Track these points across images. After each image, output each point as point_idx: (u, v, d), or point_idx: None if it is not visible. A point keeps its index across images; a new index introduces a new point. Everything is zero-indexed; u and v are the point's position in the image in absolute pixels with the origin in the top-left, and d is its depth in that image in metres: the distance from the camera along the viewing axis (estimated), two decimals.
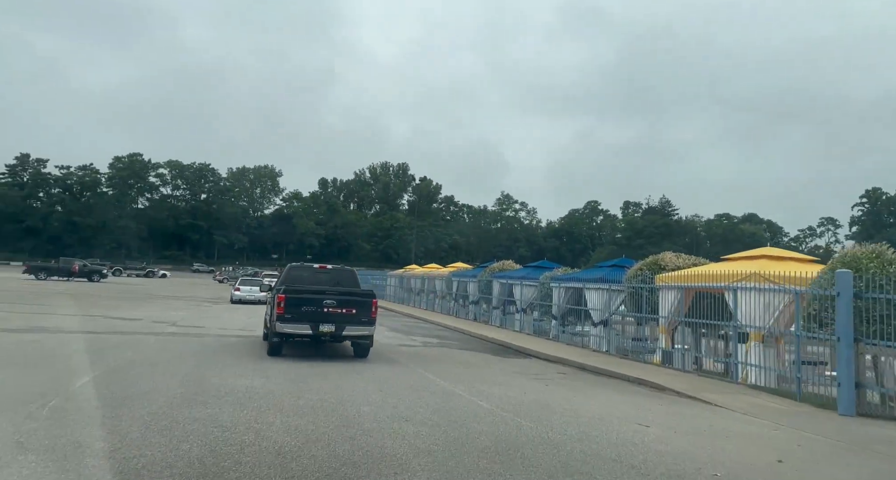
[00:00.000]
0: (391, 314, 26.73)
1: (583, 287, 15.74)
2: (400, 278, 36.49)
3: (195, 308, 23.51)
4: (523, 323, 19.68)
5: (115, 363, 9.13)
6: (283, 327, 10.61)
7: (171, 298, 28.94)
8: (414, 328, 19.86)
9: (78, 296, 26.01)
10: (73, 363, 8.89)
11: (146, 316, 18.37)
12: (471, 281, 24.54)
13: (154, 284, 45.25)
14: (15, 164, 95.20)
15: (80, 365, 8.62)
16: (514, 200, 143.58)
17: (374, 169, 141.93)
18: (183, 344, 11.99)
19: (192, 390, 7.18)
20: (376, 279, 44.77)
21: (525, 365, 12.21)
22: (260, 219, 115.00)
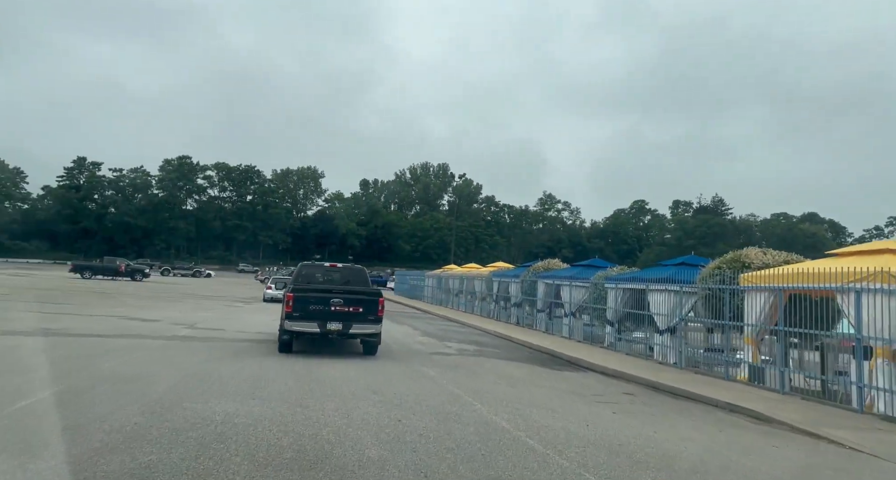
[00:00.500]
0: (427, 316, 24.99)
1: (646, 288, 13.52)
2: (438, 278, 34.77)
3: (224, 308, 22.47)
4: (572, 328, 17.54)
5: (90, 376, 7.71)
6: (292, 325, 10.78)
7: (205, 298, 28.18)
8: (450, 332, 18.03)
9: (110, 295, 25.49)
10: (40, 374, 7.52)
11: (168, 317, 17.28)
12: (513, 282, 22.54)
13: (196, 284, 45.21)
14: (72, 167, 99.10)
15: (46, 378, 7.24)
16: (556, 200, 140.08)
17: (414, 169, 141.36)
18: (186, 351, 10.57)
19: (151, 421, 5.57)
20: (414, 279, 43.24)
21: (580, 381, 10.16)
22: (303, 219, 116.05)
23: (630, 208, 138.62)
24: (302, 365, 9.73)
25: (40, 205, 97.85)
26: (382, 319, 11.50)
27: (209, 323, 16.21)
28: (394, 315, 24.43)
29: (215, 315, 19.02)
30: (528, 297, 20.92)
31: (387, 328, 17.25)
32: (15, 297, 21.31)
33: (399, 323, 19.97)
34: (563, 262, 21.91)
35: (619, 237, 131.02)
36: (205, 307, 22.29)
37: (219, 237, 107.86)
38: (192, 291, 33.21)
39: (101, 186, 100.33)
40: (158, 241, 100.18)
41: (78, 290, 27.82)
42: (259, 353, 10.84)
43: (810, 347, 10.82)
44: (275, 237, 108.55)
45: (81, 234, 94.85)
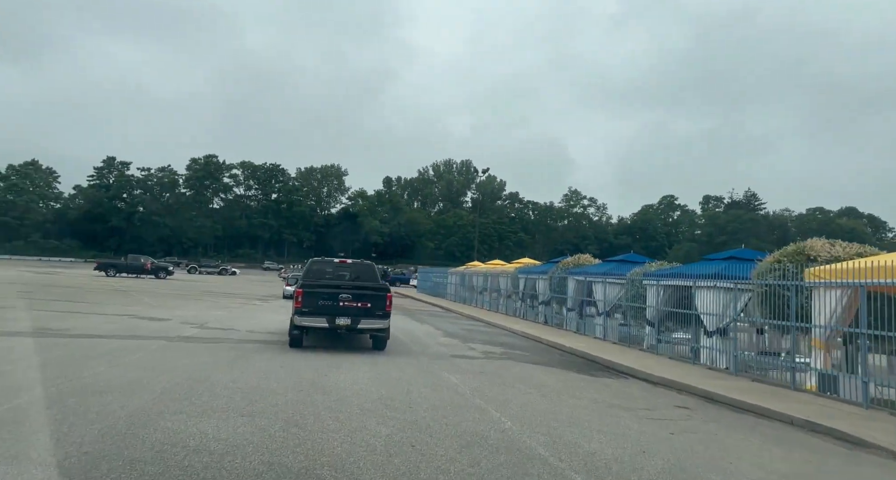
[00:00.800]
0: (450, 315, 23.90)
1: (693, 285, 12.16)
2: (461, 276, 33.66)
3: (241, 306, 21.77)
4: (607, 328, 16.23)
5: (65, 385, 6.83)
6: (302, 320, 10.92)
7: (225, 295, 27.63)
8: (474, 332, 16.90)
9: (129, 293, 25.09)
10: (7, 382, 6.66)
11: (181, 315, 16.58)
12: (540, 279, 21.29)
13: (220, 282, 45.04)
14: (101, 167, 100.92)
15: (11, 387, 6.37)
16: (582, 196, 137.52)
17: (437, 166, 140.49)
18: (186, 354, 9.69)
19: (107, 448, 4.56)
20: (437, 276, 42.21)
21: (623, 390, 8.93)
22: (327, 217, 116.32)
23: (658, 204, 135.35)
24: (310, 369, 8.74)
25: (72, 204, 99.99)
26: (390, 314, 11.56)
27: (221, 322, 15.42)
28: (415, 313, 23.41)
29: (229, 313, 18.28)
30: (557, 295, 19.66)
31: (408, 327, 16.37)
32: (31, 295, 20.96)
33: (421, 323, 18.94)
34: (594, 258, 20.55)
35: (647, 233, 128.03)
36: (221, 305, 21.63)
37: (244, 235, 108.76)
38: (213, 289, 32.79)
39: (130, 185, 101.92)
40: (186, 240, 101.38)
41: (98, 288, 27.55)
42: (265, 356, 9.90)
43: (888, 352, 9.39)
44: (299, 235, 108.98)
45: (111, 233, 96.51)
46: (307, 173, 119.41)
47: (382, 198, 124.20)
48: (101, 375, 7.38)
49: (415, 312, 24.04)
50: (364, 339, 12.33)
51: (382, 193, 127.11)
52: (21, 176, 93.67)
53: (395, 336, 14.39)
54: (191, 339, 11.60)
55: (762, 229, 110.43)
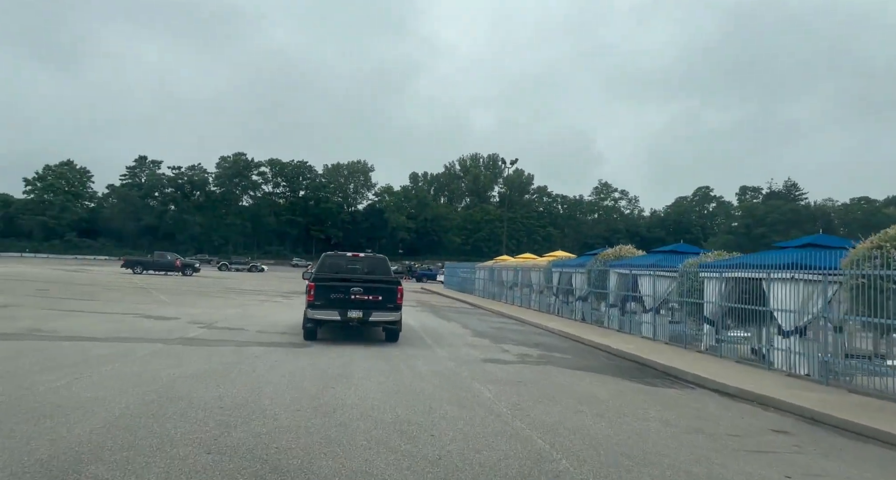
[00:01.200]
0: (479, 312, 22.38)
1: (767, 276, 10.35)
2: (490, 270, 32.07)
3: (259, 303, 20.70)
4: (657, 327, 14.46)
5: (5, 404, 5.57)
6: (314, 313, 11.09)
7: (246, 292, 26.73)
8: (506, 331, 15.35)
9: (146, 291, 24.36)
10: None
11: (191, 314, 15.51)
12: (577, 272, 19.57)
13: (247, 278, 44.56)
14: (134, 166, 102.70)
15: None
16: (613, 189, 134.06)
17: (463, 161, 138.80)
18: (176, 360, 8.43)
19: None
20: (464, 271, 40.72)
21: (695, 406, 7.26)
22: (353, 213, 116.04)
23: (693, 195, 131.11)
24: (315, 380, 7.37)
25: (105, 203, 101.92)
26: (402, 307, 11.72)
27: (232, 320, 14.27)
28: (442, 310, 21.98)
29: (245, 311, 17.17)
30: (597, 290, 17.93)
31: (433, 326, 14.96)
32: (44, 293, 20.31)
33: (447, 320, 17.49)
34: (637, 249, 18.69)
35: (681, 226, 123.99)
36: (239, 302, 20.61)
37: (273, 232, 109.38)
38: (236, 286, 32.04)
39: (162, 184, 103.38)
40: (216, 237, 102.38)
41: (118, 286, 26.97)
42: (267, 362, 8.58)
43: None
44: (326, 231, 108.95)
45: (144, 231, 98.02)
46: (334, 170, 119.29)
47: (409, 194, 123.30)
48: (58, 391, 6.12)
49: (441, 309, 22.62)
50: (378, 333, 12.33)
51: (409, 189, 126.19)
52: (57, 176, 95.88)
53: (419, 336, 12.95)
54: (191, 342, 10.40)
55: (804, 220, 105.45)
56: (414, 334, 13.43)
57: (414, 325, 15.46)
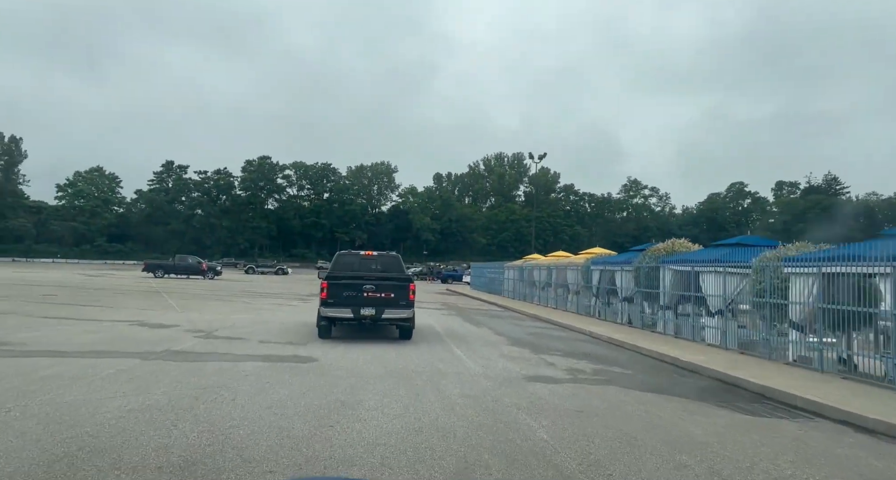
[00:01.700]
0: (511, 315, 20.41)
1: (888, 271, 8.18)
2: (520, 270, 30.04)
3: (273, 307, 19.17)
4: (726, 332, 12.29)
5: None
6: (327, 311, 11.16)
7: (262, 296, 25.34)
8: (545, 338, 13.37)
9: (157, 295, 23.12)
10: None
11: (194, 320, 14.01)
12: (622, 271, 17.45)
13: (269, 281, 43.49)
14: (161, 171, 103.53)
15: None
16: (642, 186, 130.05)
17: (488, 160, 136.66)
18: (136, 386, 6.75)
19: None
20: (491, 271, 38.75)
21: (834, 450, 5.17)
22: (377, 215, 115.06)
23: (727, 191, 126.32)
24: (312, 411, 5.59)
25: (134, 208, 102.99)
26: (414, 304, 11.61)
27: (236, 328, 12.67)
28: (470, 313, 20.09)
29: (255, 316, 15.60)
30: (646, 290, 15.81)
31: (461, 332, 13.07)
32: (49, 299, 19.16)
33: (477, 326, 15.59)
34: (693, 243, 16.48)
35: (715, 223, 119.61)
36: (252, 306, 19.12)
37: (298, 235, 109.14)
38: (254, 289, 30.76)
39: (188, 189, 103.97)
40: (242, 241, 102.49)
41: (131, 290, 25.87)
42: (257, 385, 6.84)
43: None
44: (351, 233, 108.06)
45: (171, 236, 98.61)
46: (357, 171, 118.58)
47: (433, 195, 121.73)
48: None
49: (469, 312, 20.75)
50: (392, 333, 12.18)
51: (433, 189, 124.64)
52: (87, 182, 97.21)
53: (446, 345, 11.11)
54: (176, 356, 8.76)
55: (846, 215, 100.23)
56: (440, 342, 11.60)
57: (440, 331, 13.64)
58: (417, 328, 13.43)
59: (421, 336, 12.58)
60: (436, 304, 24.59)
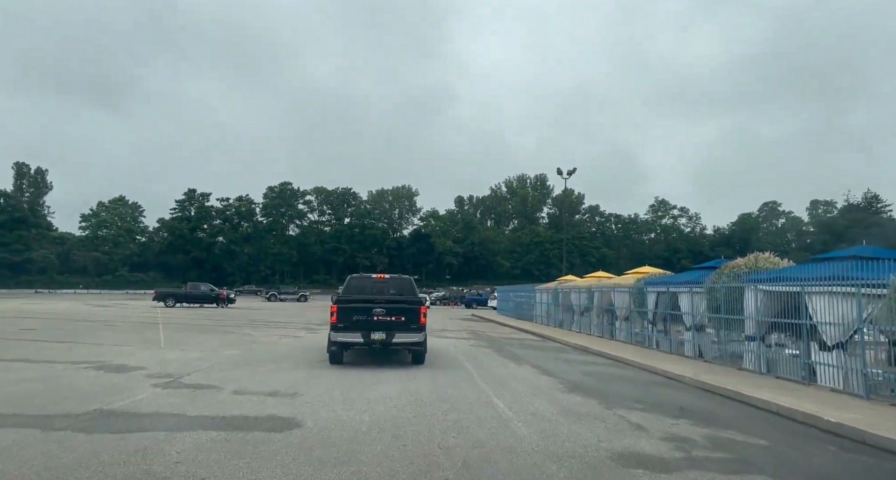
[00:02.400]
0: (552, 346, 17.37)
1: None
2: (554, 293, 27.01)
3: (272, 341, 16.56)
4: (851, 372, 9.17)
5: None
6: (337, 336, 10.92)
7: (269, 326, 22.83)
8: (611, 381, 10.38)
9: (150, 328, 20.76)
10: None
11: (169, 360, 11.48)
12: (690, 292, 14.40)
13: (286, 309, 41.19)
14: (183, 200, 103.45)
15: None
16: (671, 206, 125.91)
17: (510, 182, 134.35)
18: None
19: None
20: (520, 295, 35.71)
21: None
22: (399, 239, 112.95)
23: (759, 211, 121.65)
24: None
25: (156, 237, 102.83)
26: (425, 327, 11.28)
27: (213, 370, 10.07)
28: (504, 344, 17.13)
29: (245, 353, 13.00)
30: (722, 316, 12.76)
31: (500, 374, 9.97)
32: (21, 335, 16.89)
33: (517, 362, 12.65)
34: (781, 258, 13.38)
35: (748, 243, 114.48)
36: (248, 339, 16.55)
37: (319, 260, 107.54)
38: (263, 317, 28.34)
39: (210, 216, 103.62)
40: (264, 268, 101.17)
41: (126, 321, 23.62)
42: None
43: None
44: (372, 258, 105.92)
45: (193, 264, 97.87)
46: (378, 196, 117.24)
47: (455, 218, 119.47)
48: None
49: (502, 342, 17.81)
50: (405, 357, 11.79)
51: (454, 213, 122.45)
52: (110, 212, 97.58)
53: (483, 394, 8.24)
54: (102, 420, 6.13)
55: (890, 234, 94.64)
56: (473, 387, 8.79)
57: (471, 371, 10.81)
58: (443, 367, 10.80)
59: (448, 377, 9.80)
60: (462, 333, 21.73)
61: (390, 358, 12.13)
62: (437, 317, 34.21)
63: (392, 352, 12.30)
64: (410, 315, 10.97)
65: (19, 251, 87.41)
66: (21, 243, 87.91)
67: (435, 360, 12.21)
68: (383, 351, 12.21)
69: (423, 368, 10.97)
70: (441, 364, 11.72)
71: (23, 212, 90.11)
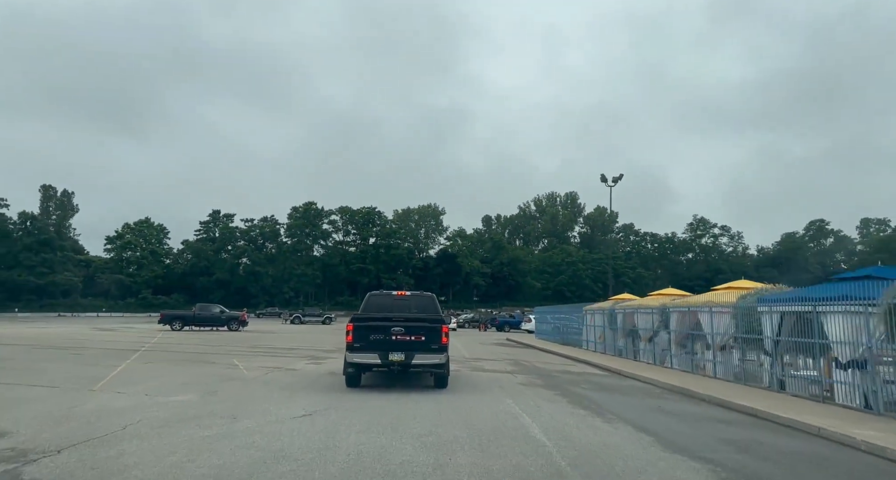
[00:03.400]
0: (632, 387, 12.80)
1: None
2: (610, 314, 22.48)
3: (255, 376, 12.61)
4: None
5: None
6: (353, 357, 10.36)
7: (270, 353, 19.00)
8: (787, 462, 6.02)
9: (119, 356, 17.08)
10: None
11: (70, 413, 7.70)
12: (848, 312, 9.91)
13: (304, 332, 37.57)
14: (208, 221, 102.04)
15: None
16: (711, 224, 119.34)
17: (539, 201, 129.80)
18: None
19: None
20: (561, 317, 31.15)
21: None
22: (425, 259, 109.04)
23: (805, 231, 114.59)
24: None
25: (180, 259, 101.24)
26: (447, 348, 10.52)
27: (110, 444, 6.13)
28: (564, 382, 12.57)
29: (202, 398, 9.06)
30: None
31: (591, 446, 5.60)
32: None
33: (604, 418, 8.24)
34: None
35: (795, 264, 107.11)
36: (228, 374, 12.64)
37: (344, 282, 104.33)
38: (269, 343, 24.58)
39: (234, 237, 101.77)
40: (287, 289, 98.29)
41: (104, 348, 20.07)
42: None
43: None
44: (398, 279, 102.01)
45: (216, 285, 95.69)
46: (404, 215, 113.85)
47: (482, 237, 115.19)
48: None
49: (560, 379, 13.43)
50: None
51: (482, 232, 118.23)
52: (135, 233, 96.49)
53: None
54: None
55: None
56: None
57: (539, 437, 6.57)
58: (493, 427, 6.65)
59: (506, 455, 5.60)
60: (503, 362, 17.46)
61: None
62: (468, 342, 29.91)
63: (412, 376, 11.45)
64: (431, 334, 10.29)
65: (43, 274, 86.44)
66: (45, 266, 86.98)
67: (477, 412, 8.13)
68: (401, 375, 11.30)
69: (462, 436, 6.80)
70: (487, 418, 7.62)
71: (48, 235, 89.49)
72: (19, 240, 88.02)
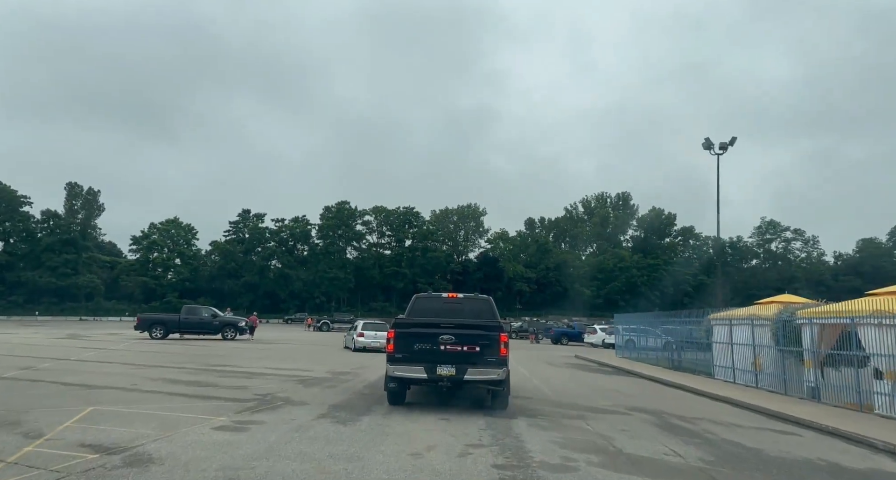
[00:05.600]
0: None
1: None
2: (781, 327, 13.79)
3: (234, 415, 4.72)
4: None
5: None
6: (395, 370, 9.02)
7: (259, 375, 11.27)
8: None
9: (78, 375, 9.58)
10: None
11: None
12: None
13: (325, 341, 30.45)
14: (237, 221, 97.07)
15: None
16: (782, 228, 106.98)
17: (587, 202, 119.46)
18: None
19: None
20: (672, 329, 22.52)
21: None
22: (464, 263, 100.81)
23: (889, 237, 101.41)
24: None
25: (208, 261, 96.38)
26: (507, 361, 9.01)
27: None
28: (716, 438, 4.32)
29: None
30: None
31: None
32: None
33: None
34: None
35: (878, 272, 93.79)
36: (197, 408, 4.89)
37: (377, 286, 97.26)
38: (286, 354, 16.98)
39: (264, 238, 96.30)
40: (318, 294, 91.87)
41: (56, 366, 12.77)
42: None
43: None
44: (435, 284, 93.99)
45: (245, 289, 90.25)
46: (442, 215, 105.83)
47: (525, 240, 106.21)
48: None
49: (714, 432, 5.15)
50: None
51: (525, 235, 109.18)
52: (162, 233, 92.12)
53: None
54: None
55: None
56: None
57: None
58: None
59: None
60: (626, 417, 9.25)
61: None
62: (529, 359, 21.89)
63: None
64: (488, 344, 8.80)
65: (66, 275, 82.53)
66: (68, 266, 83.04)
67: None
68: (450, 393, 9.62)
69: None
70: None
71: (72, 234, 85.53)
72: (42, 240, 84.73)
